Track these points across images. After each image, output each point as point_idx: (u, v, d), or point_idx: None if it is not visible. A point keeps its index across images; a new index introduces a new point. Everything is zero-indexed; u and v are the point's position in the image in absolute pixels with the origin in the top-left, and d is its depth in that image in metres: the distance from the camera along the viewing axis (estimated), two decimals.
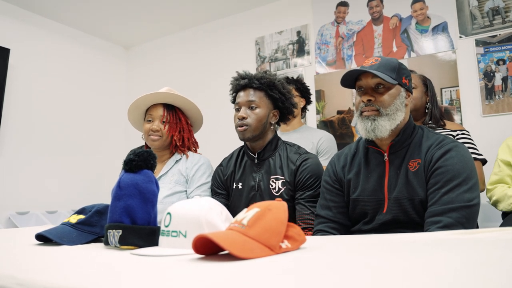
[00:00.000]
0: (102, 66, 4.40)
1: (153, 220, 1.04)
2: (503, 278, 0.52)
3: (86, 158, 4.05)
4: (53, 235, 1.09)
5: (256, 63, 3.73)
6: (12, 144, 3.46)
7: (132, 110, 1.98)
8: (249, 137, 1.69)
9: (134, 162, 1.06)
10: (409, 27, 3.04)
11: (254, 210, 0.83)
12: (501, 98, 2.63)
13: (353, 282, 0.54)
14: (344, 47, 3.32)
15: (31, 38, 3.71)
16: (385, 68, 1.34)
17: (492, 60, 2.68)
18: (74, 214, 1.22)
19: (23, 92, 3.58)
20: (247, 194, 1.73)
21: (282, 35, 3.63)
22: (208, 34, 4.09)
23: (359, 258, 0.75)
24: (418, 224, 1.31)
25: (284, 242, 0.82)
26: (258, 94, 1.71)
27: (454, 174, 1.26)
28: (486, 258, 0.66)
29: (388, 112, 1.35)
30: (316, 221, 1.52)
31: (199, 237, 0.75)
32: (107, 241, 1.01)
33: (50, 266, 0.79)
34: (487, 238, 0.89)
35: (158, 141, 1.89)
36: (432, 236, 1.01)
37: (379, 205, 1.38)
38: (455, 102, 2.79)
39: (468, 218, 1.22)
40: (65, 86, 3.95)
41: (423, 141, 1.38)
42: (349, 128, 3.19)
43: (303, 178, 1.65)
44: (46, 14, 3.79)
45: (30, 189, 3.53)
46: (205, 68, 4.05)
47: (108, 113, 4.36)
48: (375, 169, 1.42)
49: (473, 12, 2.79)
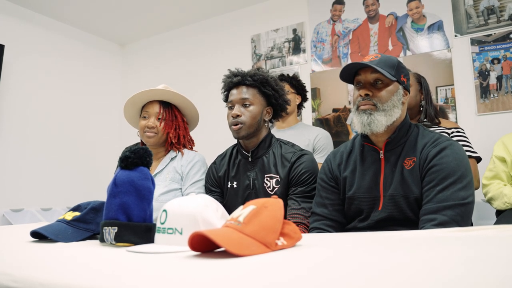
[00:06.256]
0: (97, 63, 4.37)
1: (149, 217, 1.03)
2: (497, 275, 0.53)
3: (81, 155, 4.03)
4: (48, 232, 1.09)
5: (252, 60, 3.73)
6: (6, 141, 3.43)
7: (128, 107, 1.97)
8: (244, 135, 1.68)
9: (130, 159, 1.06)
10: (405, 26, 3.05)
11: (250, 208, 0.83)
12: (495, 97, 2.65)
13: (348, 279, 0.54)
14: (340, 45, 3.32)
15: (25, 35, 3.68)
16: (384, 65, 1.35)
17: (487, 59, 2.70)
18: (69, 211, 1.21)
19: (17, 89, 3.56)
20: (243, 193, 1.73)
21: (278, 33, 3.63)
22: (204, 31, 4.08)
23: (354, 256, 0.76)
24: (413, 221, 1.32)
25: (280, 240, 0.82)
26: (251, 91, 1.70)
27: (449, 172, 1.27)
28: (480, 256, 0.67)
29: (385, 108, 1.36)
30: (312, 219, 1.52)
31: (195, 234, 0.75)
32: (102, 238, 1.01)
33: (45, 263, 0.79)
34: (482, 236, 0.90)
35: (153, 138, 1.88)
36: (427, 233, 1.01)
37: (375, 202, 1.38)
38: (450, 101, 2.80)
39: (462, 216, 1.23)
40: (59, 83, 3.92)
41: (419, 139, 1.39)
42: (344, 126, 3.20)
43: (297, 174, 1.64)
44: (41, 10, 3.76)
45: (24, 186, 3.51)
46: (200, 65, 4.04)
47: (103, 110, 4.34)
48: (371, 166, 1.42)
49: (468, 11, 2.80)
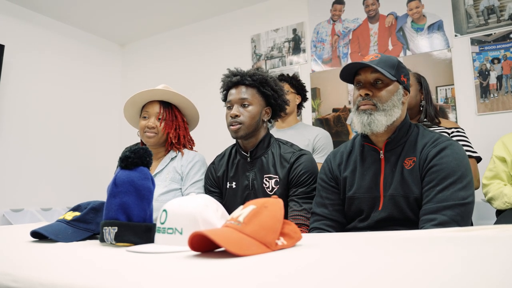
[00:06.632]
0: (97, 63, 4.37)
1: (148, 217, 1.03)
2: (497, 275, 0.53)
3: (81, 155, 4.03)
4: (48, 232, 1.09)
5: (252, 60, 3.73)
6: (6, 141, 3.43)
7: (128, 107, 1.97)
8: (242, 136, 1.67)
9: (130, 159, 1.06)
10: (405, 26, 3.05)
11: (250, 207, 0.83)
12: (495, 97, 2.65)
13: (348, 279, 0.55)
14: (340, 45, 3.32)
15: (25, 35, 3.68)
16: (384, 64, 1.35)
17: (487, 59, 2.70)
18: (69, 211, 1.21)
19: (18, 89, 3.56)
20: (242, 193, 1.72)
21: (278, 33, 3.63)
22: (204, 31, 4.08)
23: (354, 255, 0.76)
24: (413, 221, 1.32)
25: (280, 239, 0.82)
26: (250, 91, 1.69)
27: (449, 172, 1.26)
28: (480, 255, 0.67)
29: (385, 108, 1.35)
30: (312, 219, 1.52)
31: (195, 234, 0.75)
32: (102, 238, 1.01)
33: (45, 263, 0.79)
34: (482, 236, 0.90)
35: (153, 138, 1.88)
36: (427, 233, 1.01)
37: (375, 202, 1.38)
38: (450, 101, 2.80)
39: (462, 216, 1.23)
40: (59, 83, 3.92)
41: (419, 139, 1.38)
42: (344, 126, 3.20)
43: (297, 174, 1.64)
44: (41, 10, 3.76)
45: (24, 186, 3.51)
46: (200, 65, 4.04)
47: (103, 110, 4.34)
48: (371, 166, 1.42)
49: (468, 11, 2.80)
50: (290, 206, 1.62)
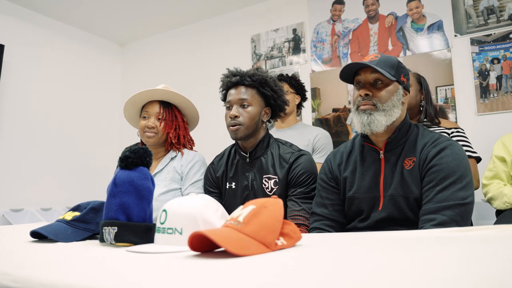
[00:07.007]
0: (97, 63, 4.37)
1: (148, 217, 1.03)
2: (497, 275, 0.53)
3: (81, 155, 4.03)
4: (48, 232, 1.09)
5: (252, 60, 3.73)
6: (6, 140, 3.43)
7: (128, 107, 1.97)
8: (242, 136, 1.67)
9: (130, 159, 1.06)
10: (405, 26, 3.05)
11: (250, 207, 0.83)
12: (495, 97, 2.65)
13: (348, 279, 0.55)
14: (340, 45, 3.32)
15: (25, 35, 3.68)
16: (384, 65, 1.35)
17: (487, 59, 2.70)
18: (69, 211, 1.21)
19: (18, 89, 3.56)
20: (241, 193, 1.72)
21: (278, 33, 3.63)
22: (204, 31, 4.08)
23: (354, 255, 0.76)
24: (412, 221, 1.32)
25: (279, 240, 0.82)
26: (250, 92, 1.68)
27: (449, 172, 1.26)
28: (480, 255, 0.67)
29: (385, 108, 1.35)
30: (312, 219, 1.52)
31: (195, 234, 0.75)
32: (102, 238, 1.01)
33: (45, 263, 0.79)
34: (481, 236, 0.90)
35: (153, 138, 1.88)
36: (427, 233, 1.01)
37: (375, 202, 1.38)
38: (450, 101, 2.80)
39: (462, 216, 1.23)
40: (60, 83, 3.92)
41: (419, 139, 1.38)
42: (344, 126, 3.20)
43: (296, 175, 1.64)
44: (41, 10, 3.76)
45: (24, 186, 3.51)
46: (200, 65, 4.04)
47: (103, 110, 4.34)
48: (371, 166, 1.42)
49: (468, 11, 2.80)
50: (289, 206, 1.62)
